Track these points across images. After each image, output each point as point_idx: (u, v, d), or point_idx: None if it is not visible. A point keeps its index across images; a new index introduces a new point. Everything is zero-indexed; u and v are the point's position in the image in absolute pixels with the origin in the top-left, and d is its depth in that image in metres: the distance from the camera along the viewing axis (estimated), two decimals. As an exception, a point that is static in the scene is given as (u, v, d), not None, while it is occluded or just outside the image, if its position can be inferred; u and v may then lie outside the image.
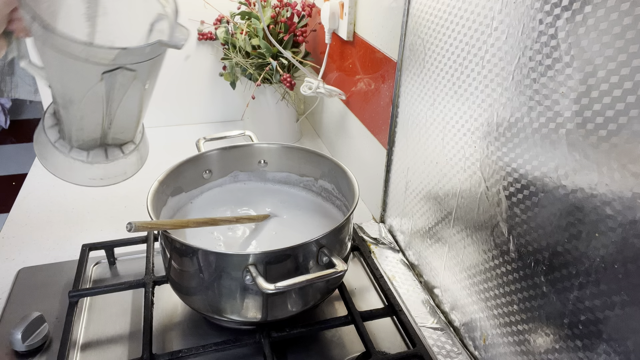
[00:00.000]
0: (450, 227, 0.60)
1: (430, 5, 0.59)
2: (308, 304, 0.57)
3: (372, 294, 0.69)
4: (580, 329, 0.40)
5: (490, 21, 0.48)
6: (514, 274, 0.48)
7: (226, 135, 0.75)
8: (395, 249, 0.77)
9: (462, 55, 0.54)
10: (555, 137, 0.41)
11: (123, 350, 0.59)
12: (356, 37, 0.84)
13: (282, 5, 1.00)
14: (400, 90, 0.70)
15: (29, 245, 0.77)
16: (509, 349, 0.51)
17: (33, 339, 0.57)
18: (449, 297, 0.63)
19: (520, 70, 0.45)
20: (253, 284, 0.48)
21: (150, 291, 0.62)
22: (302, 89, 0.95)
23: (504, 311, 0.51)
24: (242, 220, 0.65)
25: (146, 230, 0.63)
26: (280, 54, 0.95)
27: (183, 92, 1.15)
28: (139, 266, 0.72)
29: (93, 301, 0.65)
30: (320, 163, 0.70)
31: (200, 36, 1.08)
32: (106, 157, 0.67)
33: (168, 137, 1.13)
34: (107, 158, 0.67)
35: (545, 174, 0.43)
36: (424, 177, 0.66)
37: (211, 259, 0.52)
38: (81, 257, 0.68)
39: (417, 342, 0.57)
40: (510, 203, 0.48)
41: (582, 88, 0.38)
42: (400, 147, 0.72)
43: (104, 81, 0.55)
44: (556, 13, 0.40)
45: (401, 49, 0.68)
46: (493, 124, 0.50)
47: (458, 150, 0.57)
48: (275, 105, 1.04)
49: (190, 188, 0.70)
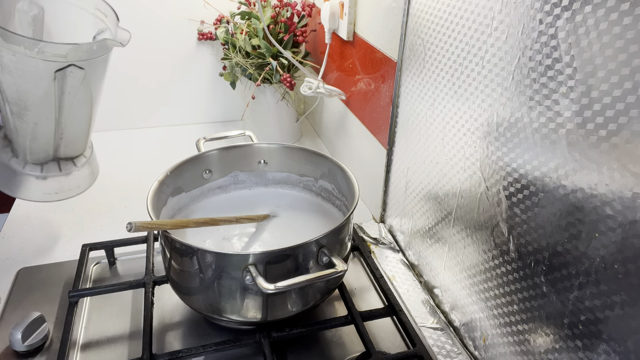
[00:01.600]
0: (450, 227, 0.60)
1: (430, 5, 0.59)
2: (308, 304, 0.57)
3: (372, 294, 0.69)
4: (580, 329, 0.40)
5: (490, 21, 0.48)
6: (514, 274, 0.48)
7: (226, 135, 0.75)
8: (395, 249, 0.77)
9: (462, 55, 0.54)
10: (555, 137, 0.41)
11: (123, 350, 0.59)
12: (356, 37, 0.84)
13: (282, 5, 1.00)
14: (400, 90, 0.70)
15: (29, 245, 0.77)
16: (509, 349, 0.51)
17: (33, 339, 0.57)
18: (449, 297, 0.63)
19: (520, 70, 0.45)
20: (253, 284, 0.48)
21: (150, 291, 0.62)
22: (302, 89, 0.95)
23: (504, 311, 0.51)
24: (242, 220, 0.64)
25: (146, 230, 0.63)
26: (280, 54, 0.95)
27: (183, 92, 1.15)
28: (139, 266, 0.72)
29: (93, 301, 0.65)
30: (320, 163, 0.70)
31: (200, 36, 1.08)
32: (60, 170, 0.69)
33: (168, 137, 1.13)
34: (60, 171, 0.69)
35: (545, 174, 0.43)
36: (424, 177, 0.66)
37: (211, 259, 0.52)
38: (81, 257, 0.68)
39: (417, 342, 0.57)
40: (510, 203, 0.48)
41: (582, 88, 0.38)
42: (400, 147, 0.72)
43: (56, 81, 0.59)
44: (556, 13, 0.40)
45: (401, 49, 0.68)
46: (493, 124, 0.50)
47: (458, 150, 0.57)
48: (275, 105, 1.04)
49: (190, 188, 0.70)
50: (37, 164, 0.68)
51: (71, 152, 0.70)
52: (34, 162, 0.67)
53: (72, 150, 0.70)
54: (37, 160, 0.67)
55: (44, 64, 0.57)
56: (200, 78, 1.15)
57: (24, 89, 0.59)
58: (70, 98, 0.62)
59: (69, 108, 0.63)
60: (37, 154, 0.67)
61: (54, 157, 0.68)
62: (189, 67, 1.12)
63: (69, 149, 0.69)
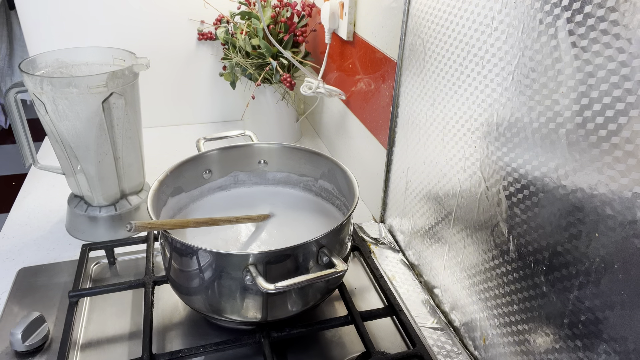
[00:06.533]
0: (450, 227, 0.60)
1: (430, 5, 0.59)
2: (308, 304, 0.57)
3: (372, 294, 0.69)
4: (580, 329, 0.40)
5: (490, 21, 0.48)
6: (514, 274, 0.48)
7: (226, 135, 0.75)
8: (395, 249, 0.77)
9: (462, 55, 0.54)
10: (555, 137, 0.41)
11: (123, 350, 0.59)
12: (356, 37, 0.84)
13: (282, 5, 1.00)
14: (400, 90, 0.70)
15: (29, 245, 0.77)
16: (509, 349, 0.51)
17: (33, 339, 0.57)
18: (449, 297, 0.63)
19: (520, 70, 0.45)
20: (253, 284, 0.48)
21: (150, 291, 0.62)
22: (302, 89, 0.95)
23: (504, 311, 0.51)
24: (242, 220, 0.64)
25: (146, 230, 0.64)
26: (280, 54, 0.95)
27: (183, 92, 1.15)
28: (139, 266, 0.72)
29: (93, 301, 0.65)
30: (320, 163, 0.70)
31: (200, 36, 1.08)
32: (130, 205, 0.79)
33: (168, 137, 1.13)
34: (130, 205, 0.79)
35: (545, 174, 0.43)
36: (424, 177, 0.66)
37: (211, 259, 0.52)
38: (81, 257, 0.68)
39: (417, 342, 0.57)
40: (510, 203, 0.48)
41: (582, 88, 0.38)
42: (400, 147, 0.72)
43: (105, 113, 0.69)
44: (556, 13, 0.40)
45: (401, 49, 0.68)
46: (493, 123, 0.50)
47: (458, 150, 0.57)
48: (275, 105, 1.04)
49: (191, 188, 0.70)
50: (110, 203, 0.78)
51: (134, 185, 0.80)
52: (107, 201, 0.78)
53: (134, 183, 0.80)
54: (109, 199, 0.78)
55: (91, 97, 0.67)
56: (200, 78, 1.15)
57: (81, 129, 0.69)
58: (120, 130, 0.72)
59: (121, 140, 0.74)
60: (108, 192, 0.77)
61: (121, 194, 0.79)
62: (189, 67, 1.12)
63: (131, 181, 0.79)
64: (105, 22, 1.02)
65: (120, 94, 0.70)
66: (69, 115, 0.68)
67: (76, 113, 0.68)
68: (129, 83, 0.71)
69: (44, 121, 0.70)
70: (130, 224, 0.48)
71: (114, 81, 0.68)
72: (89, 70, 0.77)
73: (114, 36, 1.03)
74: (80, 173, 0.74)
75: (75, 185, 0.77)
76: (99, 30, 1.02)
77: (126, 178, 0.78)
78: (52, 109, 0.67)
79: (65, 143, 0.71)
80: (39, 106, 0.68)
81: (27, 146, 0.78)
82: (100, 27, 1.02)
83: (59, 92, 0.66)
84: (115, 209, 0.78)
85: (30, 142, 0.78)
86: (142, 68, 0.72)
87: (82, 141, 0.70)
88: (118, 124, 0.72)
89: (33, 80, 0.66)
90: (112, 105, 0.69)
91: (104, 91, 0.68)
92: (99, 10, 1.00)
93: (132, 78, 0.72)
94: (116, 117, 0.71)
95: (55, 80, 0.65)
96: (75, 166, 0.73)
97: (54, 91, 0.66)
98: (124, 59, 0.76)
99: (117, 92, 0.69)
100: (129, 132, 0.74)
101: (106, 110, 0.69)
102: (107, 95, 0.68)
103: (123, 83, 0.69)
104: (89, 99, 0.67)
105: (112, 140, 0.72)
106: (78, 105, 0.67)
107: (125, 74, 0.69)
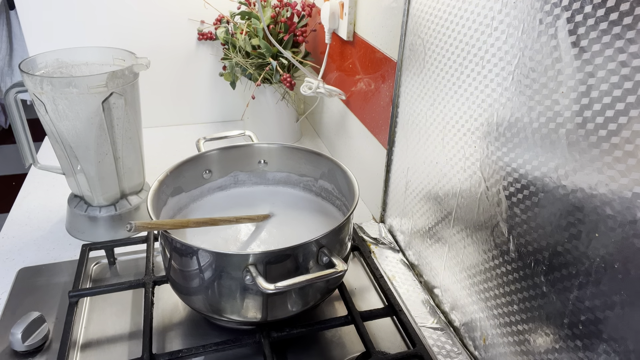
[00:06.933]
0: (450, 227, 0.60)
1: (430, 5, 0.59)
2: (308, 304, 0.57)
3: (372, 294, 0.69)
4: (580, 329, 0.40)
5: (490, 21, 0.48)
6: (514, 274, 0.48)
7: (226, 135, 0.75)
8: (395, 249, 0.77)
9: (462, 55, 0.54)
10: (555, 137, 0.41)
11: (123, 350, 0.59)
12: (356, 37, 0.84)
13: (282, 5, 1.00)
14: (400, 90, 0.70)
15: (29, 245, 0.77)
16: (509, 349, 0.51)
17: (33, 339, 0.57)
18: (449, 297, 0.63)
19: (520, 70, 0.45)
20: (253, 283, 0.48)
21: (150, 291, 0.62)
22: (302, 89, 0.95)
23: (504, 311, 0.51)
24: (242, 220, 0.64)
25: (146, 230, 0.64)
26: (280, 54, 0.95)
27: (183, 92, 1.15)
28: (139, 266, 0.72)
29: (93, 301, 0.65)
30: (320, 163, 0.70)
31: (200, 36, 1.08)
32: (130, 205, 0.79)
33: (168, 137, 1.13)
34: (130, 205, 0.79)
35: (545, 174, 0.43)
36: (424, 177, 0.66)
37: (211, 259, 0.52)
38: (81, 257, 0.68)
39: (417, 342, 0.57)
40: (510, 203, 0.48)
41: (582, 88, 0.38)
42: (400, 147, 0.72)
43: (105, 113, 0.69)
44: (556, 13, 0.40)
45: (401, 49, 0.68)
46: (493, 123, 0.50)
47: (458, 150, 0.57)
48: (275, 105, 1.04)
49: (191, 188, 0.70)
50: (110, 204, 0.78)
51: (134, 185, 0.80)
52: (107, 201, 0.78)
53: (134, 183, 0.80)
54: (109, 199, 0.78)
55: (91, 97, 0.67)
56: (200, 78, 1.15)
57: (81, 129, 0.69)
58: (120, 129, 0.72)
59: (121, 140, 0.74)
60: (108, 192, 0.77)
61: (121, 194, 0.79)
62: (189, 67, 1.12)
63: (131, 181, 0.79)
64: (105, 22, 1.02)
65: (120, 94, 0.70)
66: (69, 115, 0.68)
67: (76, 113, 0.68)
68: (129, 83, 0.71)
69: (44, 121, 0.70)
70: (130, 224, 0.48)
71: (114, 81, 0.68)
72: (89, 70, 0.77)
73: (113, 36, 1.03)
74: (80, 173, 0.74)
75: (75, 185, 0.77)
76: (99, 30, 1.02)
77: (126, 178, 0.78)
78: (52, 109, 0.67)
79: (65, 143, 0.71)
80: (39, 106, 0.68)
81: (27, 146, 0.78)
82: (100, 27, 1.02)
83: (59, 92, 0.66)
84: (115, 209, 0.78)
85: (30, 142, 0.78)
86: (142, 68, 0.72)
87: (82, 141, 0.70)
88: (118, 124, 0.72)
89: (33, 80, 0.66)
90: (112, 105, 0.69)
91: (104, 91, 0.68)
92: (98, 10, 1.00)
93: (132, 78, 0.72)
94: (116, 117, 0.71)
95: (55, 80, 0.66)
96: (75, 166, 0.73)
97: (54, 91, 0.66)
98: (124, 59, 0.76)
99: (117, 92, 0.69)
100: (129, 132, 0.74)
101: (106, 110, 0.69)
102: (107, 95, 0.68)
103: (123, 83, 0.69)
104: (89, 99, 0.67)
105: (112, 140, 0.72)
106: (78, 105, 0.67)
107: (125, 74, 0.70)
